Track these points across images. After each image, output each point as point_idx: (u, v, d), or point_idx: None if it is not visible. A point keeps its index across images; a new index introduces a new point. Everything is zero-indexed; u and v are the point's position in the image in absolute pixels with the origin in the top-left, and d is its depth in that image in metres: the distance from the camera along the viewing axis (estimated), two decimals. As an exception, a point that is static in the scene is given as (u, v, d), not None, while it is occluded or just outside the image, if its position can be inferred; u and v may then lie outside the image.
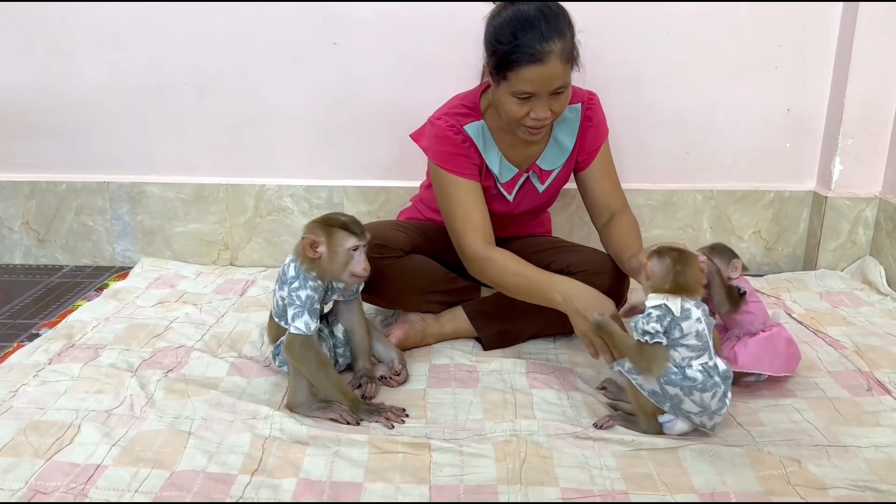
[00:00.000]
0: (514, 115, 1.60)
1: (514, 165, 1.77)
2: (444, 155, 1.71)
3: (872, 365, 1.68)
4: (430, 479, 1.26)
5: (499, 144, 1.75)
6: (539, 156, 1.78)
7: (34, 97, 2.33)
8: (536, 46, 1.50)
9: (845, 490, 1.22)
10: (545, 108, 1.58)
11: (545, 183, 1.81)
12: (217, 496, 1.21)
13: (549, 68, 1.52)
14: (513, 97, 1.57)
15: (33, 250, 2.45)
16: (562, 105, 1.61)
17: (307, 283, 1.46)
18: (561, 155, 1.78)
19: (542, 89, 1.55)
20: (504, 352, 1.76)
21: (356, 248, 1.47)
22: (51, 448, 1.33)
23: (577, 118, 1.76)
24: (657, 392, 1.34)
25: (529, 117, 1.59)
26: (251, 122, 2.32)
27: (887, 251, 2.19)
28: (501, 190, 1.79)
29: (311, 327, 1.44)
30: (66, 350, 1.73)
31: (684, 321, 1.30)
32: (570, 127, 1.77)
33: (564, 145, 1.77)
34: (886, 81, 2.17)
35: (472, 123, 1.72)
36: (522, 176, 1.79)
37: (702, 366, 1.31)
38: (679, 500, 1.20)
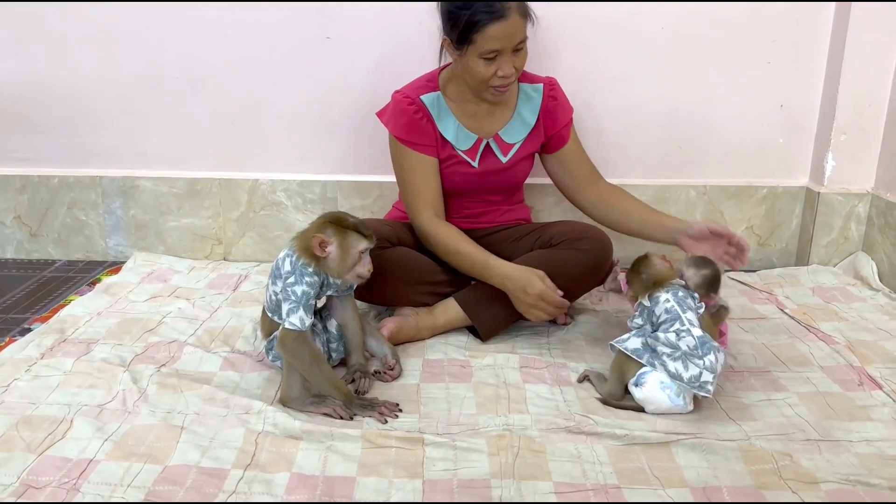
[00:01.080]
0: (483, 76, 1.71)
1: (475, 133, 1.87)
2: (400, 126, 1.84)
3: (864, 360, 1.68)
4: (424, 473, 1.26)
5: (456, 114, 1.85)
6: (502, 128, 1.88)
7: (26, 91, 2.31)
8: (496, 4, 1.64)
9: (836, 484, 1.23)
10: (510, 64, 1.70)
11: (508, 154, 1.89)
12: (210, 490, 1.21)
13: (511, 23, 1.65)
14: (480, 59, 1.69)
15: (25, 245, 2.45)
16: (522, 61, 1.74)
17: (304, 279, 1.46)
18: (523, 129, 1.89)
19: (507, 45, 1.67)
20: (497, 347, 1.76)
21: (366, 250, 1.50)
22: (43, 443, 1.32)
23: (539, 96, 1.89)
24: (639, 349, 1.46)
25: (496, 76, 1.71)
26: (244, 116, 2.32)
27: (879, 247, 2.20)
28: (463, 155, 1.87)
29: (306, 323, 1.44)
30: (59, 345, 1.73)
31: (655, 306, 1.49)
32: (532, 104, 1.88)
33: (527, 120, 1.88)
34: (879, 77, 2.18)
35: (429, 94, 1.84)
36: (483, 142, 1.87)
37: (674, 332, 1.43)
38: (671, 494, 1.21)
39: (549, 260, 1.75)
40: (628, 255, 2.34)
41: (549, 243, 1.82)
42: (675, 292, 1.49)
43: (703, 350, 1.40)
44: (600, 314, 1.97)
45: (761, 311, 1.99)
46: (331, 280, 1.52)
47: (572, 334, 1.84)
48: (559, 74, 2.11)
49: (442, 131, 1.84)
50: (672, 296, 1.48)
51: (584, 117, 2.27)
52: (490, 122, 1.88)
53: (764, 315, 1.96)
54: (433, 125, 1.84)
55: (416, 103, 1.82)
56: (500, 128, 1.88)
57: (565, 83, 2.15)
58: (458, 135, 1.85)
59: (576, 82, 2.23)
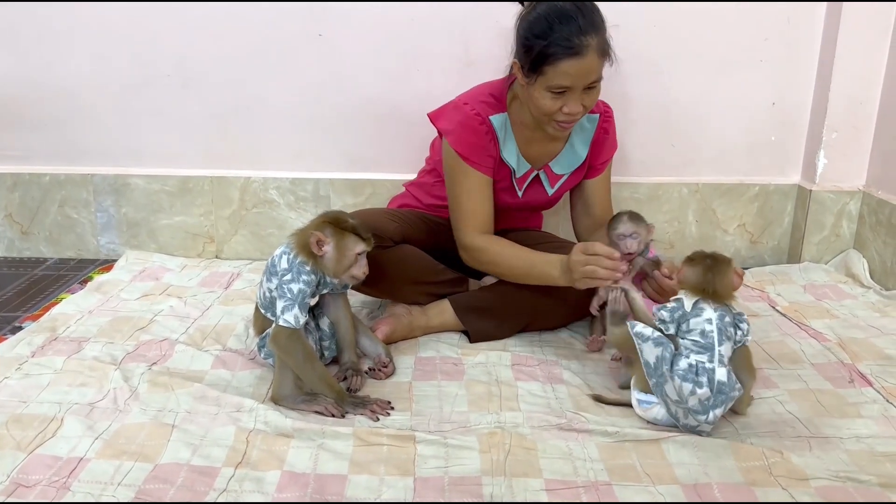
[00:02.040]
0: (548, 109, 1.61)
1: (528, 162, 1.79)
2: (465, 143, 1.71)
3: (855, 357, 1.69)
4: (415, 471, 1.26)
5: (517, 139, 1.76)
6: (554, 157, 1.81)
7: (17, 88, 2.30)
8: (574, 40, 1.52)
9: (827, 481, 1.23)
10: (578, 102, 1.60)
11: (555, 186, 1.84)
12: (201, 489, 1.20)
13: (587, 62, 1.54)
14: (548, 91, 1.59)
15: (17, 243, 2.44)
16: (593, 100, 1.63)
17: (300, 277, 1.45)
18: (574, 161, 1.82)
19: (579, 83, 1.57)
20: (490, 345, 1.76)
21: (363, 252, 1.49)
22: (33, 441, 1.32)
23: (593, 128, 1.81)
24: (650, 365, 1.35)
25: (562, 112, 1.61)
26: (236, 114, 2.31)
27: (870, 244, 2.21)
28: (514, 184, 1.80)
29: (300, 321, 1.44)
30: (50, 343, 1.72)
31: (693, 318, 1.35)
32: (585, 136, 1.81)
33: (578, 153, 1.82)
34: (871, 76, 2.19)
35: (498, 115, 1.73)
36: (533, 173, 1.81)
37: (696, 361, 1.32)
38: (662, 491, 1.21)
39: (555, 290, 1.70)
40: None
41: None
42: (723, 316, 1.35)
43: (715, 400, 1.31)
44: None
45: (753, 309, 1.99)
46: (327, 279, 1.52)
47: (565, 333, 1.84)
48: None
49: (505, 156, 1.75)
50: (718, 318, 1.34)
51: (576, 115, 2.28)
52: (544, 151, 1.80)
53: (755, 312, 1.97)
54: (497, 148, 1.74)
55: (486, 123, 1.71)
56: (552, 158, 1.81)
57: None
58: (518, 162, 1.78)
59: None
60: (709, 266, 1.37)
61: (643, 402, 1.40)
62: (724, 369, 1.32)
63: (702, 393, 1.30)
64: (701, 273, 1.37)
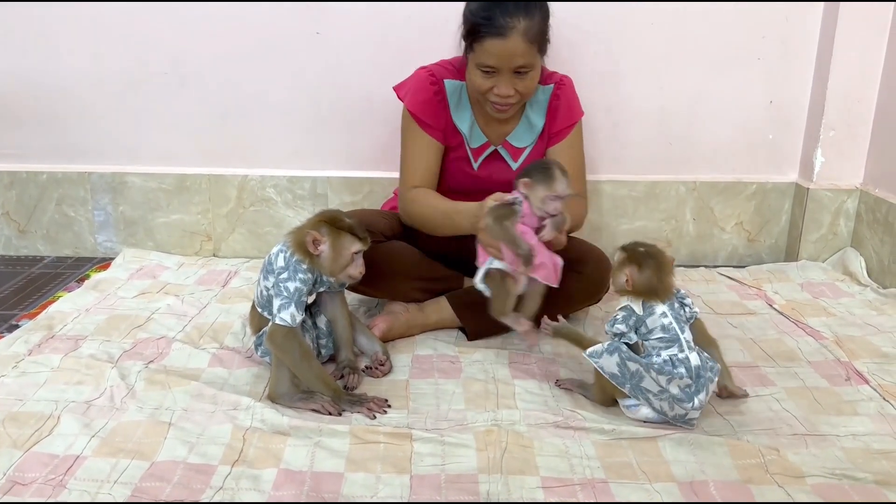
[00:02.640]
0: (479, 87, 1.66)
1: (485, 135, 1.82)
2: (416, 101, 1.77)
3: (852, 355, 1.69)
4: (412, 468, 1.26)
5: (474, 109, 1.80)
6: (511, 132, 1.82)
7: (13, 86, 2.30)
8: (500, 20, 1.56)
9: (823, 478, 1.23)
10: (508, 85, 1.63)
11: (518, 160, 1.84)
12: (197, 486, 1.20)
13: (510, 44, 1.58)
14: (477, 69, 1.64)
15: (14, 241, 2.43)
16: (526, 86, 1.67)
17: (297, 276, 1.45)
18: (531, 133, 1.82)
19: (504, 64, 1.61)
20: (487, 342, 1.76)
21: (359, 252, 1.49)
22: (30, 439, 1.32)
23: (546, 98, 1.81)
24: (617, 374, 1.36)
25: (493, 93, 1.65)
26: (233, 111, 2.31)
27: (868, 242, 2.21)
28: (469, 154, 1.82)
29: (297, 319, 1.44)
30: (47, 341, 1.72)
31: (648, 317, 1.36)
32: (540, 107, 1.81)
33: (535, 124, 1.82)
34: (868, 74, 2.19)
35: (454, 80, 1.78)
36: (490, 147, 1.83)
37: (669, 356, 1.33)
38: (658, 489, 1.21)
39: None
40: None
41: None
42: (672, 304, 1.38)
43: (696, 385, 1.32)
44: (589, 311, 1.96)
45: (750, 307, 2.00)
46: (324, 278, 1.52)
47: (562, 330, 1.84)
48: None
49: (457, 122, 1.79)
50: (670, 308, 1.37)
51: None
52: (499, 126, 1.82)
53: (752, 310, 1.97)
54: (448, 112, 1.78)
55: (438, 84, 1.76)
56: (509, 132, 1.82)
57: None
58: (472, 131, 1.80)
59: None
60: (656, 268, 1.38)
61: (630, 406, 1.40)
62: (694, 353, 1.35)
63: (682, 382, 1.32)
64: (651, 277, 1.37)
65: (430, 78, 1.77)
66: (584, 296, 1.79)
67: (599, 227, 2.35)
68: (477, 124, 1.81)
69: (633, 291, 1.38)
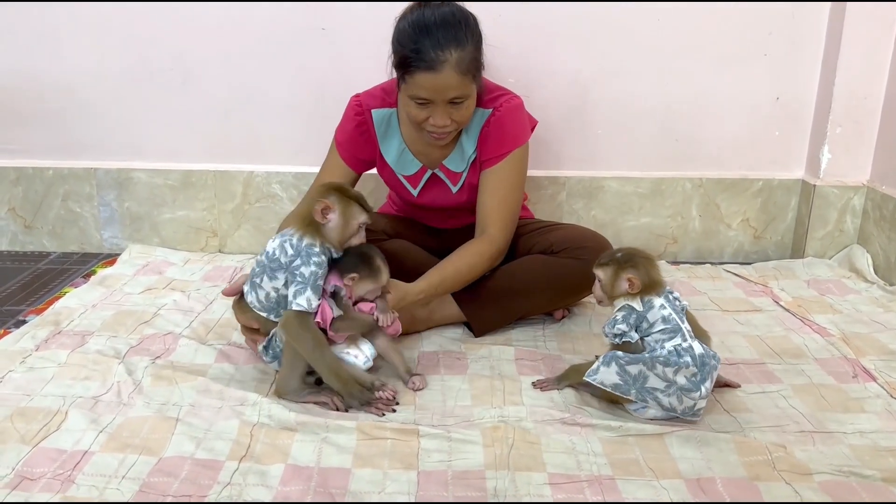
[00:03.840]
0: (414, 117, 1.62)
1: (421, 161, 1.79)
2: (341, 129, 1.81)
3: (858, 352, 1.69)
4: (418, 464, 1.26)
5: (406, 137, 1.77)
6: (447, 157, 1.78)
7: (19, 83, 2.30)
8: (430, 54, 1.51)
9: (830, 475, 1.23)
10: (444, 116, 1.59)
11: (457, 184, 1.81)
12: (205, 482, 1.21)
13: (442, 77, 1.53)
14: (411, 100, 1.59)
15: (20, 237, 2.44)
16: (462, 115, 1.62)
17: (311, 259, 1.42)
18: (462, 160, 1.77)
19: (437, 97, 1.56)
20: (493, 339, 1.76)
21: (364, 224, 1.50)
22: (37, 434, 1.32)
23: (479, 125, 1.73)
24: (619, 384, 1.37)
25: (429, 123, 1.61)
26: (238, 107, 2.31)
27: (874, 239, 2.21)
28: (403, 181, 1.82)
29: (313, 304, 1.41)
30: (53, 337, 1.72)
31: (648, 312, 1.37)
32: (473, 133, 1.74)
33: (466, 150, 1.76)
34: (875, 70, 2.18)
35: (382, 109, 1.76)
36: (427, 172, 1.80)
37: (673, 346, 1.34)
38: (665, 486, 1.21)
39: (549, 268, 1.75)
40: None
41: (550, 250, 1.77)
42: (666, 295, 1.40)
43: (702, 374, 1.33)
44: (595, 307, 1.97)
45: (756, 304, 1.99)
46: (334, 254, 1.49)
47: (567, 327, 1.85)
48: (555, 67, 2.11)
49: (383, 152, 1.78)
50: (666, 300, 1.39)
51: (580, 110, 2.28)
52: (436, 150, 1.77)
53: (759, 307, 1.97)
54: (374, 143, 1.78)
55: (363, 114, 1.76)
56: (446, 156, 1.78)
57: (561, 76, 2.16)
58: (400, 159, 1.78)
59: (572, 75, 2.23)
60: (645, 262, 1.40)
61: (636, 409, 1.40)
62: (696, 342, 1.37)
63: (689, 371, 1.32)
64: (647, 272, 1.39)
65: (356, 108, 1.77)
66: (587, 281, 1.78)
67: (605, 224, 2.35)
68: (409, 151, 1.78)
69: (639, 292, 1.38)
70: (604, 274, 1.42)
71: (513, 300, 1.78)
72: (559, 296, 1.80)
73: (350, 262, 1.49)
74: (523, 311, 1.81)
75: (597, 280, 1.44)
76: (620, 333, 1.38)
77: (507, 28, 2.14)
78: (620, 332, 1.38)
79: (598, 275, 1.43)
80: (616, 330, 1.38)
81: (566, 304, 1.87)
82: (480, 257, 1.70)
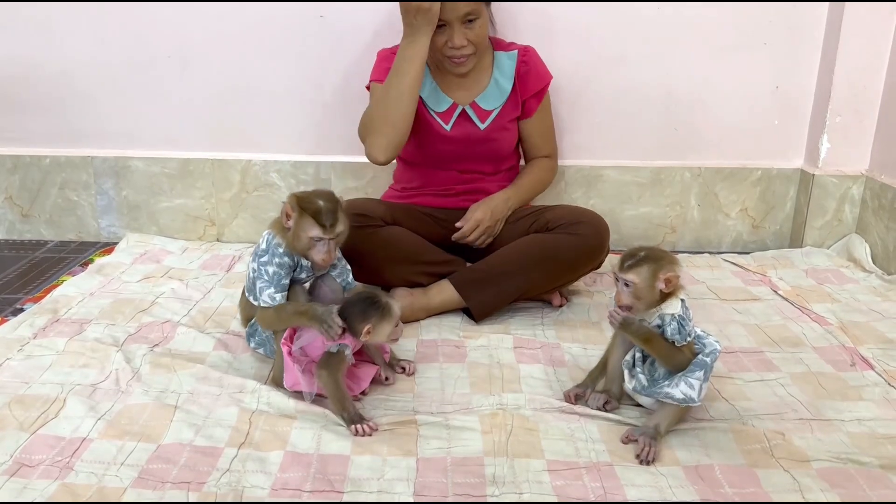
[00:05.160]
0: (436, 45, 1.78)
1: (452, 98, 1.91)
2: (375, 70, 1.92)
3: (856, 341, 1.69)
4: (417, 451, 1.26)
5: (436, 76, 1.92)
6: (480, 94, 1.91)
7: (16, 70, 2.29)
8: None
9: (828, 462, 1.24)
10: (461, 36, 1.76)
11: (486, 122, 1.91)
12: (204, 469, 1.21)
13: None
14: None
15: (17, 225, 2.43)
16: (477, 34, 1.78)
17: (274, 260, 1.43)
18: (500, 96, 1.91)
19: (452, 15, 1.73)
20: (491, 327, 1.76)
21: (319, 240, 1.43)
22: (36, 421, 1.32)
23: (513, 63, 1.92)
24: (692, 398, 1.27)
25: (448, 47, 1.77)
26: (237, 95, 2.30)
27: (873, 229, 2.21)
28: (436, 117, 1.91)
29: (276, 299, 1.43)
30: (51, 324, 1.72)
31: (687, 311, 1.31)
32: (508, 71, 1.91)
33: (503, 86, 1.91)
34: (874, 59, 2.17)
35: None
36: (458, 108, 1.90)
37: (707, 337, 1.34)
38: (663, 472, 1.21)
39: (544, 245, 1.77)
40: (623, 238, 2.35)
41: (546, 227, 1.81)
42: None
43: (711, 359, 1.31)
44: (594, 296, 1.97)
45: (755, 293, 1.99)
46: (303, 263, 1.47)
47: (566, 315, 1.85)
48: (556, 56, 2.11)
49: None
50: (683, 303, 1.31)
51: (580, 98, 2.27)
52: (467, 89, 1.91)
53: (757, 296, 1.97)
54: None
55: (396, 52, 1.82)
56: (478, 95, 1.90)
57: (562, 65, 2.15)
58: (431, 95, 1.90)
59: (573, 64, 2.23)
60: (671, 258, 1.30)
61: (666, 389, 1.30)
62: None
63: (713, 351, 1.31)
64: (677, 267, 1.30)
65: (389, 50, 1.91)
66: (583, 257, 1.80)
67: (604, 213, 2.31)
68: (440, 89, 1.91)
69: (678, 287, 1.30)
70: (638, 276, 1.28)
71: (510, 279, 1.78)
72: (556, 273, 1.80)
73: (356, 315, 1.37)
74: (521, 291, 1.81)
75: (623, 285, 1.30)
76: (693, 333, 1.30)
77: (507, 16, 2.13)
78: (692, 332, 1.30)
79: (628, 279, 1.28)
80: (689, 329, 1.29)
81: (564, 282, 1.87)
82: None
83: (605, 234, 1.81)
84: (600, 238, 1.79)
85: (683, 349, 1.30)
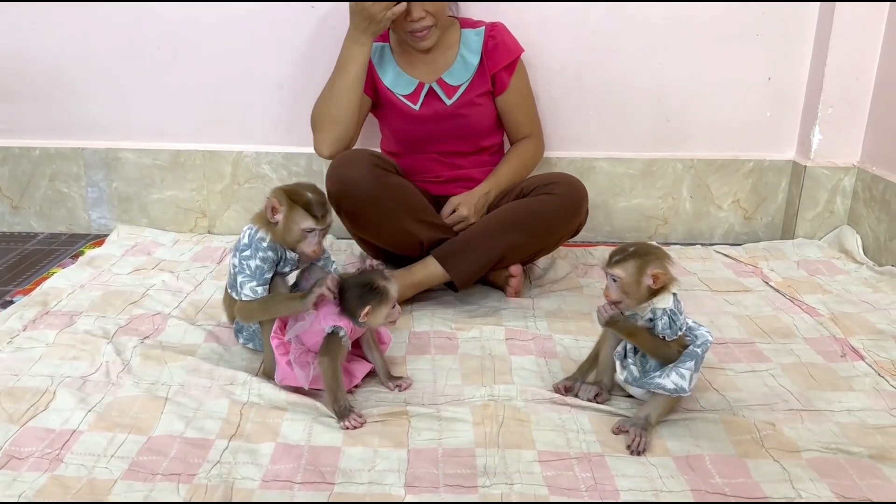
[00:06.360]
0: (396, 22, 1.79)
1: (417, 79, 1.93)
2: None
3: (847, 332, 1.70)
4: (409, 442, 1.26)
5: (399, 61, 1.95)
6: (446, 70, 1.93)
7: (6, 61, 2.27)
8: None
9: (818, 452, 1.24)
10: (419, 8, 1.77)
11: (452, 97, 1.93)
12: (194, 460, 1.21)
13: None
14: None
15: (7, 217, 2.42)
16: (436, 6, 1.80)
17: (257, 254, 1.42)
18: (467, 71, 1.92)
19: None
20: (484, 319, 1.76)
21: (312, 230, 1.43)
22: (25, 414, 1.31)
23: (480, 38, 1.93)
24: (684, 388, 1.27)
25: (407, 21, 1.79)
26: (228, 86, 2.29)
27: (864, 220, 2.21)
28: (403, 100, 1.93)
29: (258, 292, 1.43)
30: (41, 317, 1.71)
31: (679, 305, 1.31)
32: (474, 46, 1.93)
33: (470, 62, 1.92)
34: (866, 51, 2.18)
35: (375, 43, 1.91)
36: (425, 86, 1.93)
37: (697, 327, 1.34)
38: (654, 463, 1.22)
39: (522, 209, 1.80)
40: (615, 230, 2.35)
41: (521, 194, 1.85)
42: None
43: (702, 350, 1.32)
44: (584, 287, 1.97)
45: (746, 284, 2.00)
46: (287, 255, 1.47)
47: (558, 307, 1.85)
48: (548, 47, 2.11)
49: (381, 76, 1.93)
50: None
51: (572, 90, 2.27)
52: (433, 67, 1.93)
53: (749, 288, 1.97)
54: (373, 73, 1.93)
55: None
56: (444, 71, 1.92)
57: (554, 56, 2.15)
58: (396, 79, 1.93)
59: (565, 55, 2.22)
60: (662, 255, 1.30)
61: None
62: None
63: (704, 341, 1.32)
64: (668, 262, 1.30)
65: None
66: (560, 218, 1.80)
67: (596, 204, 2.34)
68: (403, 72, 1.93)
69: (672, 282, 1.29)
70: (624, 271, 1.27)
71: (488, 242, 1.78)
72: (535, 234, 1.80)
73: (354, 298, 1.36)
74: (500, 254, 1.78)
75: (611, 280, 1.30)
76: (684, 326, 1.30)
77: (499, 7, 2.12)
78: (683, 324, 1.30)
79: (615, 273, 1.28)
80: (681, 324, 1.29)
81: (543, 246, 1.88)
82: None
83: (581, 193, 1.81)
84: (577, 195, 1.81)
85: (671, 343, 1.30)
